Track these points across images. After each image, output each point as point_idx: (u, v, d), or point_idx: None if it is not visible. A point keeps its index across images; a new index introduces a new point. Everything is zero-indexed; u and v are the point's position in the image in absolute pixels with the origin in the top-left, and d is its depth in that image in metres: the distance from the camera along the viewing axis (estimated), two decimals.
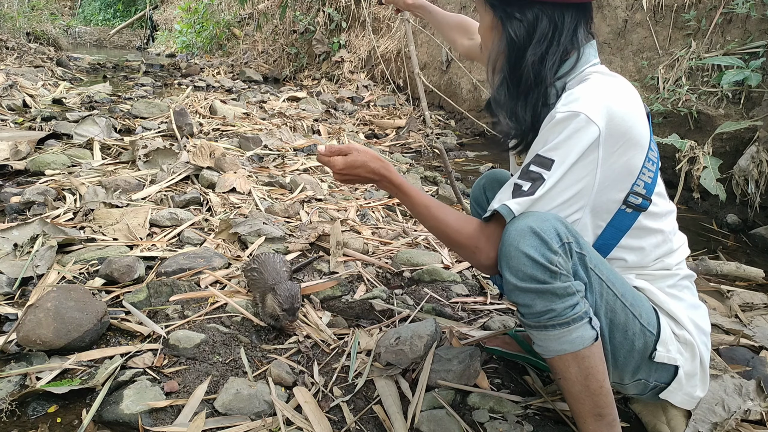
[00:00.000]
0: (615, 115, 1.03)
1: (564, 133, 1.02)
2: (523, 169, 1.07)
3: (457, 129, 5.71)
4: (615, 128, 1.03)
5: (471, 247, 1.12)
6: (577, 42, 1.13)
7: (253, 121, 4.81)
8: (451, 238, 1.15)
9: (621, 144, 1.04)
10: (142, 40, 15.66)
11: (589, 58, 1.14)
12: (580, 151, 1.01)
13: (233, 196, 2.77)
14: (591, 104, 1.03)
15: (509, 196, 1.06)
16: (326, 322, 1.72)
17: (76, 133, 3.62)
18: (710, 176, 3.14)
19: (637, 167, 1.08)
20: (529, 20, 1.11)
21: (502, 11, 1.13)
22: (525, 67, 1.12)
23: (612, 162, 1.05)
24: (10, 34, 8.30)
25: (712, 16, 3.63)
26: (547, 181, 1.03)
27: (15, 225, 2.12)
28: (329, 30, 8.16)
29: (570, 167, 1.02)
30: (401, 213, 2.88)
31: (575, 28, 1.12)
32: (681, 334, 1.14)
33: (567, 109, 1.03)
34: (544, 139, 1.06)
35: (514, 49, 1.13)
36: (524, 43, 1.12)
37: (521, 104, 1.16)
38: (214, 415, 1.29)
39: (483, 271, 1.16)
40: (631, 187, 1.09)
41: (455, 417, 1.30)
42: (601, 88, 1.07)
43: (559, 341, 1.02)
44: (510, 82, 1.16)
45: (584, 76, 1.12)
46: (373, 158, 1.21)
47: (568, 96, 1.07)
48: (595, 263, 1.07)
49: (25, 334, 1.43)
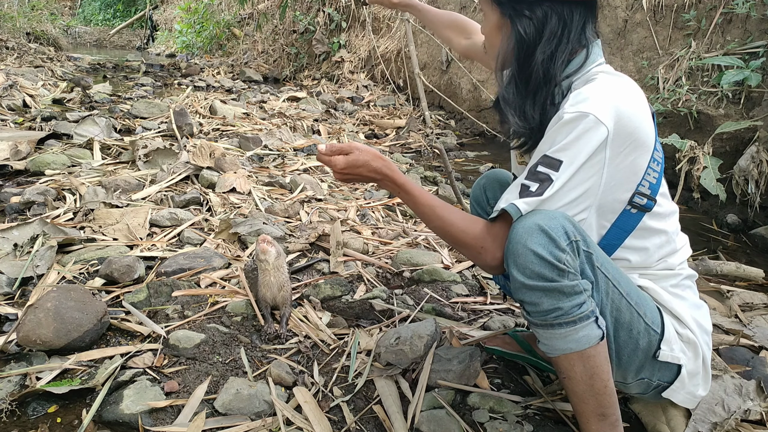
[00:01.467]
0: (623, 115, 1.03)
1: (573, 133, 1.02)
2: (531, 170, 1.07)
3: (457, 129, 5.71)
4: (622, 129, 1.02)
5: (477, 248, 1.12)
6: (585, 40, 1.12)
7: (253, 121, 4.81)
8: (456, 238, 1.15)
9: (628, 144, 1.04)
10: (142, 40, 15.65)
11: (596, 57, 1.14)
12: (589, 152, 1.01)
13: (233, 196, 2.77)
14: (599, 105, 1.02)
15: (516, 196, 1.06)
16: (326, 322, 1.72)
17: (76, 133, 3.62)
18: (710, 176, 3.14)
19: (642, 168, 1.08)
20: (538, 18, 1.10)
21: (511, 9, 1.12)
22: (534, 65, 1.12)
23: (618, 162, 1.05)
24: (10, 34, 8.31)
25: (712, 16, 3.63)
26: (555, 182, 1.02)
27: (15, 225, 2.12)
28: (329, 30, 8.16)
29: (578, 168, 1.02)
30: (401, 213, 2.88)
31: (583, 25, 1.12)
32: (684, 333, 1.14)
33: (575, 110, 1.03)
34: (551, 139, 1.06)
35: (523, 47, 1.12)
36: (534, 41, 1.11)
37: (530, 102, 1.15)
38: (214, 415, 1.29)
39: (488, 271, 1.16)
40: (636, 188, 1.09)
41: (455, 417, 1.30)
42: (609, 88, 1.07)
43: (565, 340, 1.02)
44: (519, 80, 1.15)
45: (591, 75, 1.12)
46: (375, 157, 1.19)
47: (576, 96, 1.06)
48: (602, 262, 1.07)
49: (25, 334, 1.43)
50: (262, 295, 1.67)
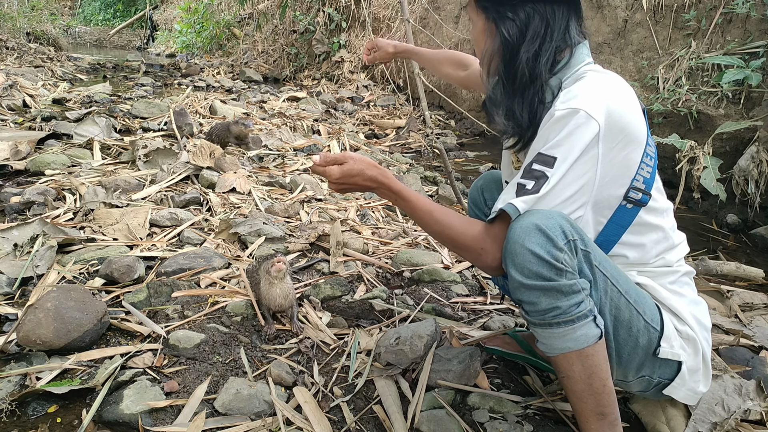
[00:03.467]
0: (613, 111, 1.04)
1: (565, 130, 1.03)
2: (526, 168, 1.08)
3: (457, 129, 5.71)
4: (614, 124, 1.04)
5: (477, 249, 1.12)
6: (569, 39, 1.14)
7: (253, 121, 4.80)
8: (455, 241, 1.15)
9: (620, 139, 1.05)
10: (142, 40, 15.65)
11: (582, 57, 1.15)
12: (581, 147, 1.02)
13: (233, 196, 2.77)
14: (590, 101, 1.04)
15: (513, 195, 1.06)
16: (326, 322, 1.72)
17: (76, 133, 3.62)
18: (710, 176, 3.14)
19: (636, 162, 1.09)
20: (521, 19, 1.13)
21: (494, 12, 1.15)
22: (519, 65, 1.14)
23: (612, 157, 1.05)
24: (10, 34, 8.31)
25: (712, 16, 3.63)
26: (550, 178, 1.03)
27: (15, 225, 2.12)
28: (329, 30, 8.16)
29: (572, 164, 1.03)
30: (401, 213, 2.88)
31: (567, 24, 1.14)
32: (683, 330, 1.14)
33: (566, 107, 1.04)
34: (544, 137, 1.07)
35: (507, 48, 1.15)
36: (517, 41, 1.14)
37: (518, 102, 1.17)
38: (214, 415, 1.29)
39: (489, 272, 1.16)
40: (631, 183, 1.10)
41: (455, 417, 1.30)
42: (598, 85, 1.08)
43: (564, 339, 1.02)
44: (505, 80, 1.18)
45: (580, 74, 1.13)
46: (370, 166, 1.20)
47: (566, 94, 1.08)
48: (600, 261, 1.07)
49: (25, 334, 1.43)
50: (266, 303, 1.66)
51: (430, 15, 6.51)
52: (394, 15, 7.17)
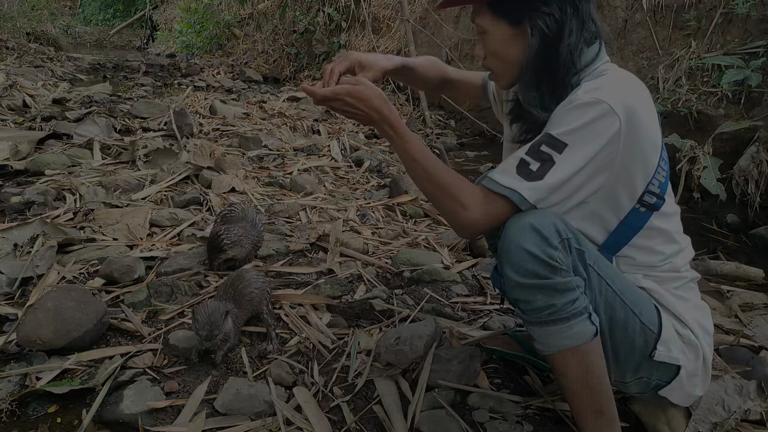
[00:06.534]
0: (635, 110, 1.03)
1: (584, 118, 1.02)
2: (533, 146, 1.06)
3: (457, 129, 5.71)
4: (635, 124, 1.03)
5: (459, 202, 1.09)
6: (596, 29, 1.12)
7: (253, 121, 4.81)
8: (441, 187, 1.12)
9: (638, 141, 1.04)
10: (142, 40, 15.63)
11: (602, 54, 1.14)
12: (599, 141, 1.01)
13: (233, 196, 2.77)
14: (613, 96, 1.02)
15: (514, 171, 1.05)
16: (326, 322, 1.72)
17: (76, 133, 3.62)
18: (710, 176, 3.14)
19: (653, 166, 1.09)
20: (555, 11, 1.08)
21: (526, 11, 1.09)
22: (561, 58, 1.10)
23: (629, 158, 1.05)
24: (10, 34, 8.31)
25: (712, 16, 3.63)
26: (557, 165, 1.02)
27: (15, 225, 2.12)
28: (329, 30, 8.16)
29: (590, 157, 1.02)
30: (401, 213, 2.87)
31: (590, 12, 1.11)
32: (685, 334, 1.14)
33: (590, 96, 1.02)
34: (559, 119, 1.05)
35: (546, 44, 1.10)
36: (557, 34, 1.09)
37: (548, 97, 1.14)
38: (214, 415, 1.29)
39: (459, 233, 1.14)
40: (646, 186, 1.09)
41: (455, 417, 1.30)
42: (621, 82, 1.07)
43: (560, 336, 1.03)
44: (541, 78, 1.13)
45: (599, 72, 1.12)
46: (380, 97, 1.15)
47: (589, 84, 1.07)
48: (594, 260, 1.07)
49: (25, 334, 1.43)
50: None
51: (430, 15, 6.51)
52: (394, 15, 7.17)
